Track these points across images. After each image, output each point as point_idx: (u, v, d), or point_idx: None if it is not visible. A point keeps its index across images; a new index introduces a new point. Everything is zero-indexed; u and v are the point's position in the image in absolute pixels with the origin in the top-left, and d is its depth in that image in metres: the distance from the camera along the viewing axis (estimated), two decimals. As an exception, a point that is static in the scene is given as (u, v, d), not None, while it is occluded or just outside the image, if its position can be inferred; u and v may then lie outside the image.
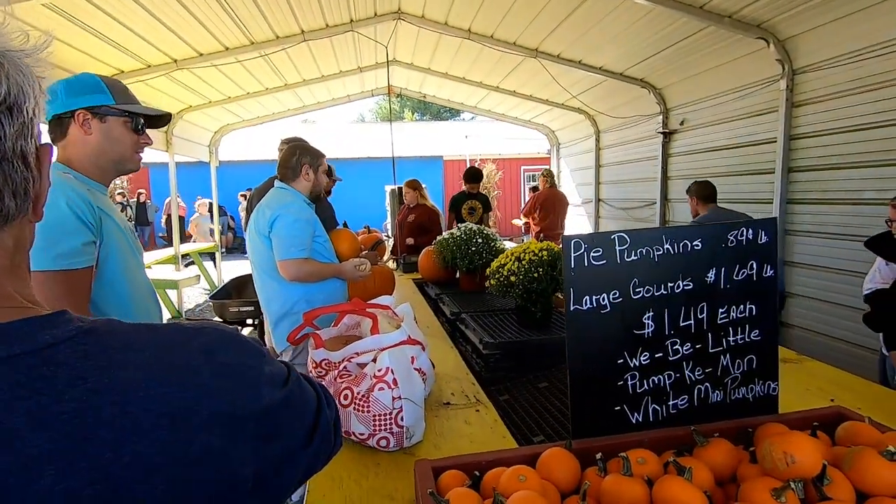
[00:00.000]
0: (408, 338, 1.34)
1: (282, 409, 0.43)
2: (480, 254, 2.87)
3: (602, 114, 6.36)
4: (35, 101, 0.38)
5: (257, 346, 0.46)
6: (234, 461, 0.38)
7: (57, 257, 1.16)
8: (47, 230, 1.14)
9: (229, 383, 0.40)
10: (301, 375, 0.50)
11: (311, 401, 0.49)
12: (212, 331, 0.43)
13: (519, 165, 16.29)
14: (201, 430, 0.37)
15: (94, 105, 1.29)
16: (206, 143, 7.66)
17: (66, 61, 3.97)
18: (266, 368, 0.44)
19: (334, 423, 0.51)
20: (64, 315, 0.39)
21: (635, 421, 1.07)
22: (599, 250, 1.03)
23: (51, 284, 1.15)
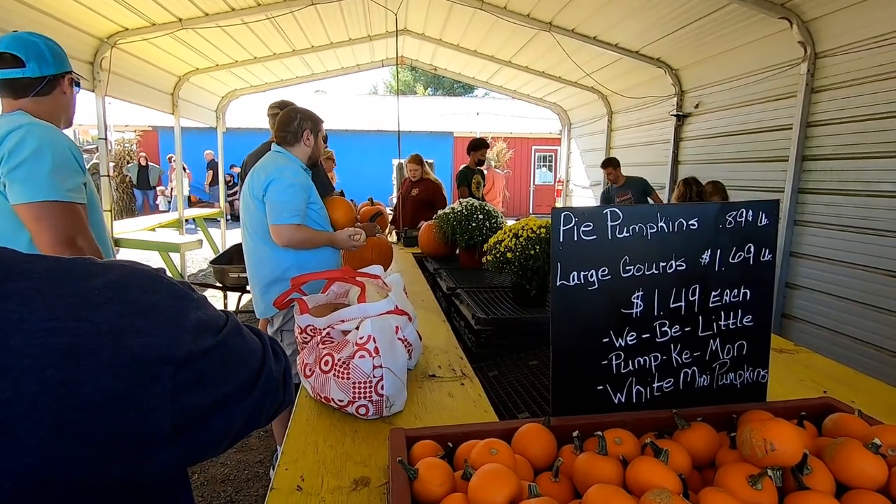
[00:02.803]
0: (395, 308, 1.32)
1: (209, 358, 0.40)
2: (481, 230, 2.84)
3: (616, 93, 6.21)
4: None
5: (185, 290, 0.42)
6: (143, 408, 0.35)
7: (67, 191, 1.35)
8: (59, 167, 1.34)
9: (142, 323, 0.37)
10: (246, 326, 0.47)
11: (254, 352, 0.46)
12: (130, 268, 0.40)
13: (530, 145, 16.09)
14: (100, 372, 0.34)
15: (69, 70, 1.52)
16: (213, 108, 7.58)
17: (64, 13, 3.88)
18: (193, 314, 0.41)
19: (284, 376, 0.48)
20: None
21: (618, 401, 1.04)
22: (590, 225, 0.99)
23: (64, 213, 1.34)
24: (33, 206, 1.31)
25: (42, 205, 1.31)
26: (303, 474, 0.93)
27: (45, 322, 0.33)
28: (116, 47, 4.57)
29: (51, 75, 1.44)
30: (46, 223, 1.32)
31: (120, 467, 0.35)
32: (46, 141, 1.34)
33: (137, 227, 6.29)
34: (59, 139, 1.38)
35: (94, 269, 0.38)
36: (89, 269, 0.38)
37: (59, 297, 0.35)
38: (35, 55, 1.42)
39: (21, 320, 0.33)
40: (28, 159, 1.30)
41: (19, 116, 1.38)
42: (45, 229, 1.32)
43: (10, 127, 1.32)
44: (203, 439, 0.40)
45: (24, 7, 3.45)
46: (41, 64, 1.42)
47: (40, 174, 1.31)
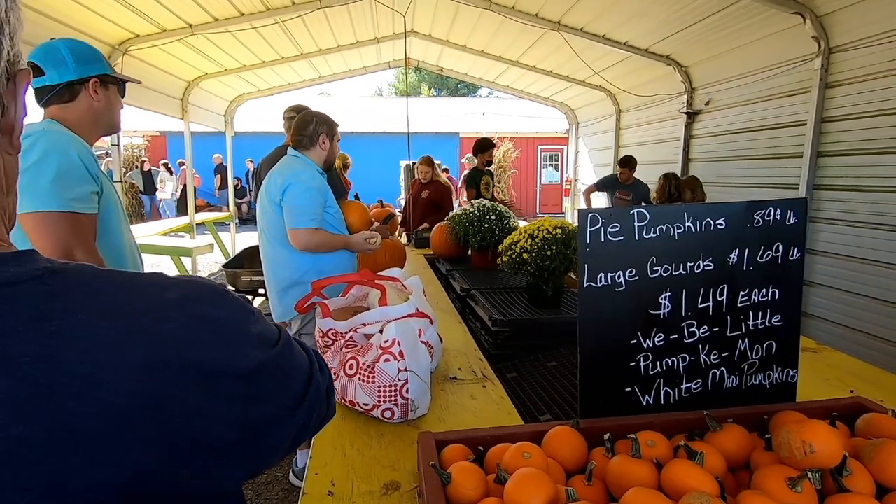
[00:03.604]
0: (416, 311, 1.32)
1: (268, 372, 0.41)
2: (493, 231, 2.84)
3: (624, 92, 6.18)
4: (2, 17, 0.34)
5: (244, 304, 0.42)
6: (210, 420, 0.36)
7: (70, 201, 1.30)
8: (62, 176, 1.30)
9: (207, 337, 0.37)
10: (294, 340, 0.47)
11: (303, 365, 0.46)
12: (194, 282, 0.40)
13: (536, 145, 16.04)
14: (174, 384, 0.34)
15: (100, 73, 1.45)
16: (221, 113, 7.63)
17: (77, 21, 3.92)
18: (253, 328, 0.41)
19: (327, 389, 0.49)
20: (32, 254, 0.36)
21: (646, 403, 1.04)
22: (617, 226, 0.98)
23: (64, 224, 1.29)
24: (32, 215, 1.27)
25: (40, 215, 1.27)
26: (333, 479, 0.93)
27: (126, 336, 0.33)
28: (128, 54, 4.61)
29: (71, 81, 1.41)
30: (43, 234, 1.27)
31: (186, 480, 0.35)
32: (53, 149, 1.30)
33: (149, 231, 6.34)
34: (68, 147, 1.34)
35: (164, 284, 0.38)
36: (159, 283, 0.38)
37: (136, 312, 0.35)
38: (54, 62, 1.39)
39: (104, 335, 0.33)
40: (30, 168, 1.27)
41: (38, 124, 1.37)
42: (42, 240, 1.28)
43: (25, 135, 1.32)
44: (262, 453, 0.40)
45: (37, 15, 3.49)
46: (61, 70, 1.39)
47: (42, 183, 1.27)
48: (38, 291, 0.33)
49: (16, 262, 0.34)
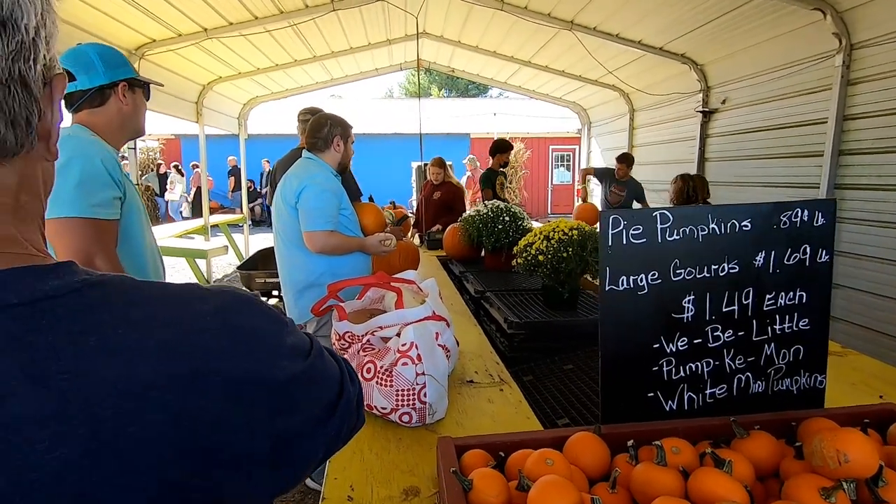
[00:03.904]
0: (432, 313, 1.31)
1: (301, 383, 0.40)
2: (507, 232, 2.82)
3: (638, 91, 6.12)
4: (38, 20, 0.33)
5: (278, 315, 0.42)
6: (244, 433, 0.35)
7: (92, 206, 1.30)
8: (85, 182, 1.30)
9: (244, 348, 0.37)
10: (324, 349, 0.46)
11: (334, 376, 0.45)
12: (228, 292, 0.40)
13: (547, 145, 15.97)
14: (210, 396, 0.33)
15: (128, 77, 1.46)
16: (235, 116, 7.71)
17: (94, 26, 3.98)
18: (287, 339, 0.40)
19: (357, 399, 0.48)
20: (70, 266, 0.35)
21: (669, 409, 1.02)
22: (639, 228, 0.96)
23: (85, 230, 1.29)
24: (54, 221, 1.28)
25: (62, 221, 1.28)
26: (352, 483, 0.93)
27: (164, 349, 0.33)
28: (144, 58, 4.68)
29: (101, 86, 1.41)
30: (65, 239, 1.28)
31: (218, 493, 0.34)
32: (76, 155, 1.31)
33: (164, 234, 6.43)
34: (91, 153, 1.34)
35: (199, 295, 0.38)
36: (194, 294, 0.38)
37: (175, 325, 0.35)
38: (84, 67, 1.39)
39: (143, 349, 0.32)
40: (55, 174, 1.28)
41: (65, 130, 1.38)
42: (63, 246, 1.29)
43: None
44: (294, 466, 0.40)
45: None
46: (91, 75, 1.40)
47: (64, 189, 1.28)
48: (77, 305, 0.33)
49: (55, 274, 0.34)
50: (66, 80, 0.39)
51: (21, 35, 0.32)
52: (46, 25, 0.35)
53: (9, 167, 0.35)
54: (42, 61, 0.35)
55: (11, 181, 0.35)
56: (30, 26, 0.32)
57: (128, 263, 1.42)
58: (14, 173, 0.35)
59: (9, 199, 0.35)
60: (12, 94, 0.32)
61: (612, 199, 5.34)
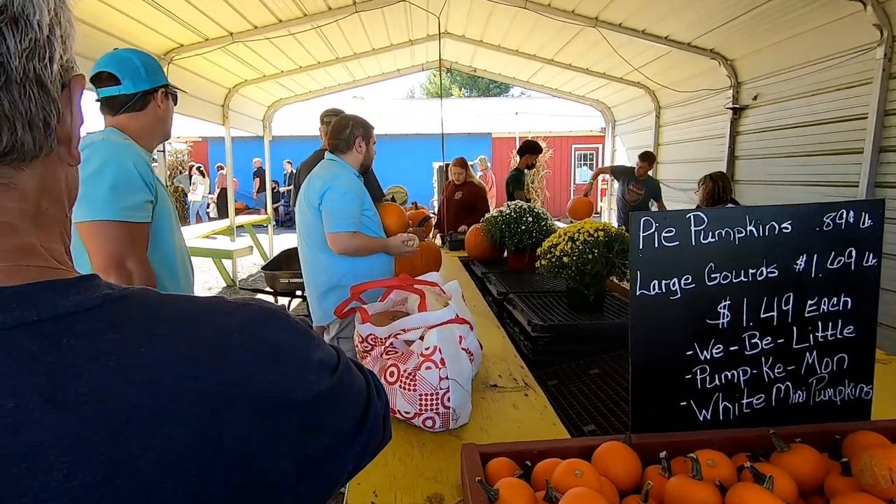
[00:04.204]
0: (455, 316, 1.29)
1: (329, 399, 0.38)
2: (530, 233, 2.78)
3: (665, 88, 5.98)
4: (52, 18, 0.32)
5: (306, 329, 0.40)
6: (273, 454, 0.34)
7: (123, 209, 1.33)
8: (119, 185, 1.33)
9: (271, 364, 0.35)
10: (351, 361, 0.45)
11: (361, 391, 0.44)
12: (255, 306, 0.38)
13: (570, 144, 15.79)
14: (236, 414, 0.32)
15: (165, 83, 1.52)
16: (259, 118, 7.84)
17: (125, 32, 4.08)
18: (315, 353, 0.39)
19: (384, 414, 0.46)
20: (93, 280, 0.34)
21: (703, 418, 0.98)
22: (672, 230, 0.93)
23: (117, 233, 1.32)
24: (87, 224, 1.31)
25: (95, 224, 1.31)
26: (375, 489, 0.92)
27: (188, 367, 0.32)
28: (173, 63, 4.79)
29: (144, 91, 1.46)
30: (98, 242, 1.31)
31: None
32: (110, 159, 1.34)
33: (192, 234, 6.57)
34: (124, 157, 1.37)
35: (225, 309, 0.37)
36: (220, 308, 0.36)
37: (199, 341, 0.33)
38: (130, 72, 1.43)
39: (166, 367, 0.31)
40: (89, 178, 1.30)
41: (98, 134, 1.40)
42: (96, 248, 1.32)
43: (83, 145, 1.33)
44: (321, 482, 0.39)
45: (88, 28, 3.66)
46: (135, 80, 1.44)
47: (98, 193, 1.30)
48: (98, 322, 0.31)
49: (76, 289, 0.32)
50: (84, 81, 0.38)
51: (34, 32, 0.31)
52: (62, 24, 0.33)
53: (28, 171, 0.33)
54: (59, 61, 0.33)
55: (31, 186, 0.34)
56: (43, 23, 0.31)
57: (158, 265, 1.44)
58: (34, 178, 0.34)
59: (29, 205, 0.34)
60: (28, 95, 0.31)
61: (629, 198, 5.27)
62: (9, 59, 0.29)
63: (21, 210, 0.33)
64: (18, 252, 0.33)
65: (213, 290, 6.40)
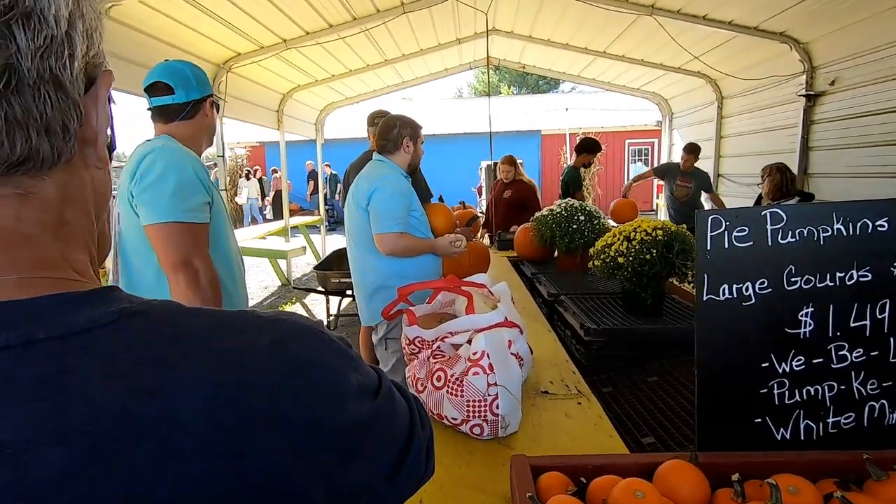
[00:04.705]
0: (504, 319, 1.25)
1: (367, 427, 0.35)
2: (582, 232, 2.68)
3: (728, 76, 5.62)
4: (72, 10, 0.29)
5: (344, 348, 0.36)
6: (303, 486, 0.30)
7: (186, 211, 1.40)
8: (180, 189, 1.40)
9: (304, 386, 0.32)
10: (394, 385, 0.41)
11: (403, 418, 0.40)
12: (287, 321, 0.35)
13: (623, 139, 15.25)
14: (266, 445, 0.29)
15: (211, 93, 1.60)
16: (312, 122, 8.08)
17: (188, 44, 4.33)
18: (353, 376, 0.35)
19: (427, 445, 0.42)
20: (111, 293, 0.31)
21: (781, 437, 0.88)
22: (745, 229, 0.84)
23: (182, 234, 1.39)
24: (155, 226, 1.39)
25: (163, 226, 1.38)
26: (421, 498, 0.89)
27: (211, 390, 0.29)
28: (231, 72, 5.01)
29: (195, 100, 1.54)
30: (166, 243, 1.39)
31: None
32: (171, 164, 1.41)
33: (249, 235, 6.87)
34: (184, 162, 1.44)
35: (255, 325, 0.34)
36: (248, 324, 0.33)
37: (222, 361, 0.30)
38: (182, 82, 1.51)
39: (186, 391, 0.28)
40: (154, 183, 1.38)
41: (156, 141, 1.48)
42: (164, 249, 1.39)
43: (145, 152, 1.43)
44: None
45: (152, 40, 3.90)
46: (188, 90, 1.51)
47: (163, 196, 1.38)
48: (112, 340, 0.29)
49: (90, 303, 0.30)
50: (112, 77, 0.35)
51: (50, 29, 0.28)
52: (85, 16, 0.31)
53: (48, 180, 0.31)
54: (81, 58, 0.31)
55: (52, 195, 0.31)
56: (60, 17, 0.29)
57: (217, 263, 1.50)
58: (55, 186, 0.31)
59: (50, 215, 0.31)
60: (44, 98, 0.28)
61: (678, 194, 5.01)
62: (20, 59, 0.27)
63: (39, 220, 0.31)
64: (33, 264, 0.30)
65: (269, 289, 6.66)
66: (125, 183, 1.44)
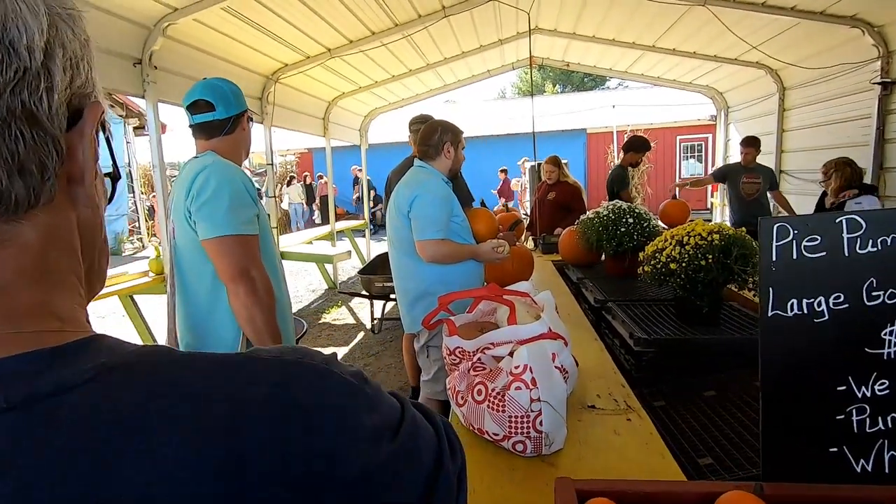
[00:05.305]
0: (548, 330, 1.20)
1: (384, 473, 0.31)
2: (631, 235, 2.57)
3: (790, 66, 5.26)
4: (49, 39, 0.27)
5: (357, 385, 0.33)
6: None
7: (241, 224, 1.46)
8: (234, 203, 1.46)
9: (305, 439, 0.28)
10: (419, 412, 0.37)
11: (430, 452, 0.35)
12: (290, 362, 0.31)
13: (674, 135, 14.63)
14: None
15: (247, 108, 1.65)
16: (356, 128, 8.24)
17: (238, 57, 4.53)
18: (367, 417, 0.31)
19: (458, 476, 0.37)
20: (90, 344, 0.28)
21: (861, 470, 0.79)
22: (816, 238, 0.76)
23: (238, 246, 1.45)
24: (214, 241, 1.45)
25: (220, 239, 1.44)
26: (461, 519, 0.86)
27: (195, 458, 0.25)
28: (279, 82, 5.19)
29: (234, 115, 1.59)
30: (224, 255, 1.45)
31: None
32: (225, 180, 1.47)
33: (297, 241, 7.08)
34: (235, 177, 1.50)
35: (251, 371, 0.30)
36: (244, 374, 0.30)
37: (210, 424, 0.27)
38: (222, 99, 1.57)
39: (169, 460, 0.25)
40: (210, 199, 1.44)
41: (206, 157, 1.54)
42: (223, 261, 1.45)
43: (199, 168, 1.49)
44: None
45: (205, 55, 4.10)
46: (227, 106, 1.57)
47: (219, 212, 1.44)
48: (83, 404, 0.25)
49: (62, 360, 0.27)
50: (101, 109, 0.32)
51: (21, 61, 0.26)
52: (66, 45, 0.28)
53: (26, 223, 0.28)
54: (65, 90, 0.29)
55: (31, 239, 0.28)
56: (34, 48, 0.26)
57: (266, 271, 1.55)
58: (34, 229, 0.29)
59: (29, 261, 0.29)
60: (15, 136, 0.26)
61: (747, 192, 4.62)
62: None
63: (16, 268, 0.28)
64: (4, 318, 0.27)
65: (316, 292, 6.84)
66: (181, 199, 1.50)
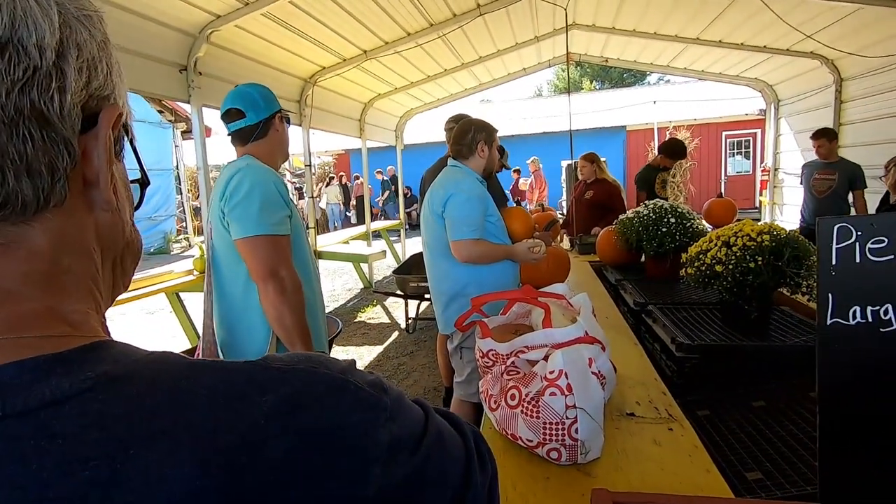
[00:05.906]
0: (585, 334, 1.16)
1: (405, 489, 0.29)
2: (672, 235, 2.47)
3: (848, 55, 4.94)
4: (61, 38, 0.27)
5: (376, 396, 0.31)
6: None
7: (272, 225, 1.49)
8: (265, 204, 1.49)
9: (317, 458, 0.27)
10: (446, 419, 0.35)
11: (456, 463, 0.34)
12: (300, 377, 0.30)
13: (719, 131, 14.05)
14: None
15: (279, 110, 1.66)
16: (392, 128, 8.32)
17: (277, 61, 4.65)
18: (384, 432, 0.30)
19: (489, 487, 0.36)
20: (94, 352, 0.27)
21: (933, 495, 0.72)
22: (883, 240, 0.70)
23: (269, 246, 1.48)
24: (245, 240, 1.49)
25: (252, 239, 1.48)
26: (493, 527, 0.84)
27: (199, 477, 0.24)
28: (316, 85, 5.29)
29: (265, 118, 1.62)
30: (255, 255, 1.49)
31: None
32: (257, 182, 1.51)
33: (334, 240, 7.21)
34: (267, 179, 1.53)
35: (262, 384, 0.29)
36: (252, 385, 0.28)
37: (217, 433, 0.26)
38: (251, 104, 1.61)
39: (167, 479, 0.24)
40: (242, 200, 1.49)
41: (241, 161, 1.60)
42: (253, 260, 1.49)
43: (233, 171, 1.55)
44: None
45: (246, 60, 4.22)
46: (256, 111, 1.61)
47: (251, 212, 1.47)
48: (81, 413, 0.24)
49: (62, 368, 0.25)
50: (117, 111, 0.31)
51: (31, 60, 0.25)
52: (82, 46, 0.28)
53: (36, 226, 0.28)
54: (80, 91, 0.28)
55: (42, 243, 0.28)
56: (45, 47, 0.26)
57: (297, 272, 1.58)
58: (46, 233, 0.28)
59: (40, 265, 0.28)
60: (23, 136, 0.25)
61: (818, 188, 4.18)
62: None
63: (25, 273, 0.27)
64: (8, 323, 0.27)
65: (352, 291, 6.94)
66: (216, 200, 1.56)
